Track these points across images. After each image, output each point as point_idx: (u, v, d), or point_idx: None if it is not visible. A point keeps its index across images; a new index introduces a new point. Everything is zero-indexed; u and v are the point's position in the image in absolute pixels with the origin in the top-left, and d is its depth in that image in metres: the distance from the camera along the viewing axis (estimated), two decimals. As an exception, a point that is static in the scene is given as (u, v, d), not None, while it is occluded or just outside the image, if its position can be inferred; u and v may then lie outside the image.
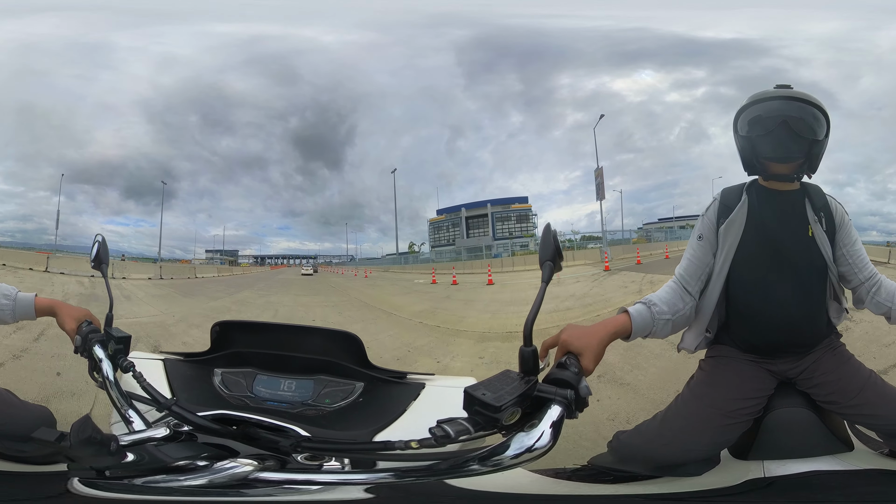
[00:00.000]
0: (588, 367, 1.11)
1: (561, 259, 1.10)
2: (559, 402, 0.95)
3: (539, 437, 0.90)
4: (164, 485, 0.99)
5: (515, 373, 0.99)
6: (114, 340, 1.30)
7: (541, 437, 0.90)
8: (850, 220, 1.50)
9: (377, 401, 1.48)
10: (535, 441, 0.90)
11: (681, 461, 1.37)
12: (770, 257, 1.45)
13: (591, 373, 1.12)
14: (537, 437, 0.90)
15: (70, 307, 1.42)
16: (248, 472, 1.01)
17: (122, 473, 1.00)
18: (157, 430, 1.09)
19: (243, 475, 1.00)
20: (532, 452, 0.90)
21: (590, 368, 1.11)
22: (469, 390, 0.93)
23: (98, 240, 1.51)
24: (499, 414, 0.90)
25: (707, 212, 1.54)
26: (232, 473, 1.00)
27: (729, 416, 1.39)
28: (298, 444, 1.11)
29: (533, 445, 0.90)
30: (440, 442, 0.90)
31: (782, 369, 1.47)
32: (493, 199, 16.37)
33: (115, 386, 1.24)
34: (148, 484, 0.99)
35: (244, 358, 1.58)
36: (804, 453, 1.37)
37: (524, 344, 1.01)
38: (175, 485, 0.99)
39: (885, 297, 1.46)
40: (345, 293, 10.21)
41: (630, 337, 1.35)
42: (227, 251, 17.78)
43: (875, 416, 1.37)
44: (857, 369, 1.45)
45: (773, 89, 1.51)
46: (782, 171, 1.48)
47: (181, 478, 1.00)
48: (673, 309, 1.43)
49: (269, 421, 1.22)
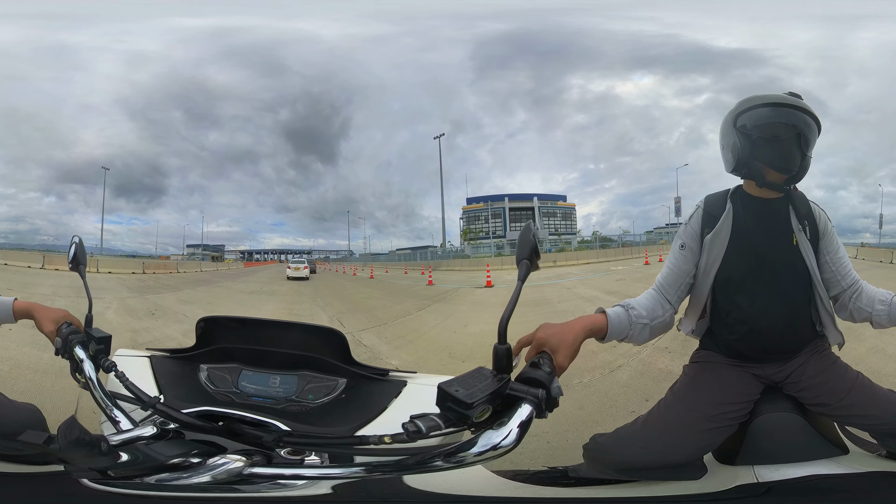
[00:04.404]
0: (563, 363, 1.17)
1: (538, 258, 1.15)
2: (529, 402, 1.00)
3: (506, 435, 0.96)
4: (171, 483, 1.05)
5: (489, 370, 1.04)
6: (94, 341, 1.37)
7: (507, 436, 0.96)
8: (833, 228, 1.57)
9: (359, 397, 1.56)
10: (501, 439, 0.96)
11: (659, 465, 1.44)
12: (754, 266, 1.52)
13: (566, 369, 1.18)
14: (504, 434, 0.96)
15: (48, 309, 1.48)
16: (241, 467, 1.08)
17: (124, 473, 1.05)
18: (144, 428, 1.15)
19: (237, 471, 1.07)
20: (497, 450, 0.96)
21: (564, 365, 1.18)
22: (442, 386, 0.98)
23: (75, 241, 1.58)
24: (470, 411, 0.95)
25: (690, 220, 1.60)
26: (228, 469, 1.07)
27: (712, 420, 1.46)
28: (280, 439, 1.19)
29: (499, 443, 0.95)
30: (411, 437, 0.97)
31: (768, 373, 1.55)
32: (539, 194, 16.45)
33: (99, 386, 1.31)
34: (159, 482, 1.05)
35: (229, 353, 1.66)
36: (796, 458, 1.43)
37: (498, 341, 1.06)
38: (182, 482, 1.05)
39: (865, 303, 1.53)
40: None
41: (605, 338, 1.40)
42: (212, 246, 17.88)
43: (867, 417, 1.44)
44: (844, 371, 1.53)
45: (786, 95, 1.54)
46: (777, 180, 1.53)
47: (185, 475, 1.06)
48: (651, 315, 1.49)
49: (251, 416, 1.31)
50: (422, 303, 10.03)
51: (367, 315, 8.84)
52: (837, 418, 1.50)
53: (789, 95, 1.54)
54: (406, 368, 1.78)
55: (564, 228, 16.16)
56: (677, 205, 16.63)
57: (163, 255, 16.50)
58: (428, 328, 7.57)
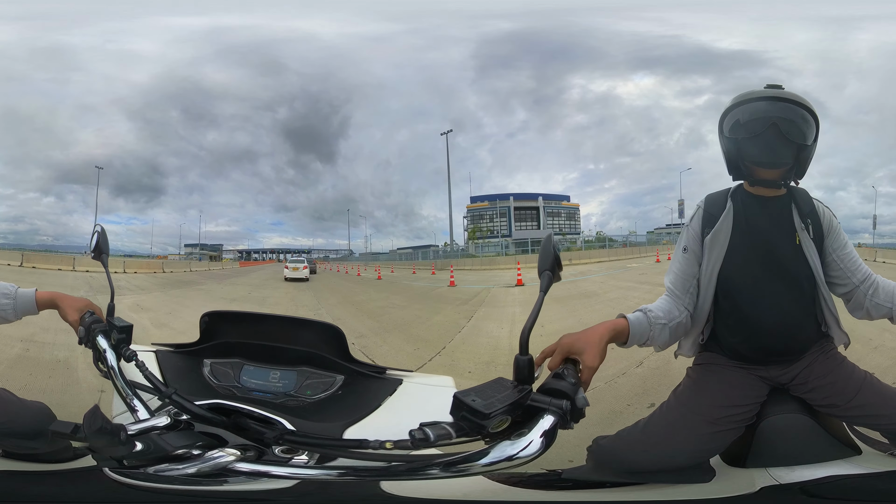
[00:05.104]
0: (592, 364, 1.16)
1: (560, 269, 1.15)
2: (553, 412, 0.98)
3: (526, 445, 0.94)
4: (165, 473, 1.08)
5: (509, 381, 1.03)
6: (116, 330, 1.40)
7: (528, 446, 0.94)
8: (839, 224, 1.54)
9: (354, 394, 1.59)
10: (518, 450, 0.94)
11: (661, 468, 1.44)
12: (756, 266, 1.51)
13: (596, 370, 1.17)
14: (524, 445, 0.94)
15: (71, 298, 1.50)
16: (230, 461, 1.10)
17: (136, 463, 1.07)
18: (159, 418, 1.18)
19: (224, 464, 1.09)
20: (511, 461, 0.94)
21: (594, 365, 1.16)
22: (459, 395, 0.97)
23: (97, 230, 1.60)
24: (486, 421, 0.94)
25: (691, 222, 1.59)
26: (216, 463, 1.09)
27: (716, 423, 1.46)
28: (281, 437, 1.21)
29: (516, 454, 0.94)
30: (416, 445, 0.95)
31: (773, 375, 1.54)
32: (544, 194, 16.62)
33: (120, 375, 1.33)
34: (158, 472, 1.07)
35: (232, 348, 1.69)
36: (811, 459, 1.43)
37: (520, 352, 1.04)
38: (174, 473, 1.08)
39: (884, 298, 1.49)
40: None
41: (627, 343, 1.40)
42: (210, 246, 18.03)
43: (878, 417, 1.43)
44: (852, 371, 1.52)
45: (762, 89, 1.53)
46: (769, 177, 1.52)
47: (179, 466, 1.08)
48: (669, 316, 1.49)
49: (257, 412, 1.33)
50: (462, 309, 8.22)
51: (403, 336, 6.44)
52: (847, 419, 1.50)
53: (767, 88, 1.53)
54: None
55: (568, 228, 16.47)
56: (681, 207, 16.82)
57: (160, 255, 16.56)
58: (503, 340, 5.85)
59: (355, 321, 7.48)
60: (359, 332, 6.45)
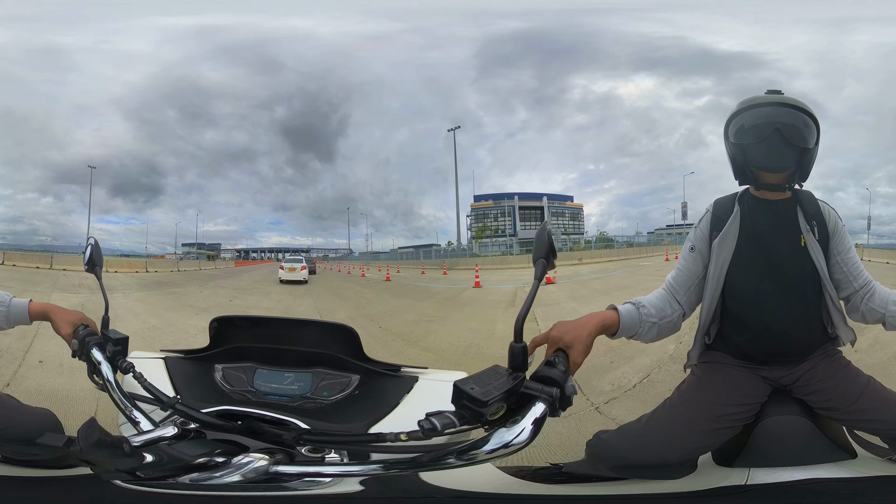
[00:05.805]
0: (577, 359, 1.22)
1: (554, 257, 1.20)
2: (544, 400, 1.04)
3: (519, 433, 1.00)
4: (205, 482, 1.08)
5: (504, 368, 1.09)
6: (111, 342, 1.40)
7: (520, 434, 1.00)
8: (844, 227, 1.59)
9: (372, 393, 1.61)
10: (513, 437, 1.00)
11: (654, 463, 1.48)
12: (763, 268, 1.55)
13: (580, 365, 1.23)
14: (517, 432, 1.00)
15: (65, 311, 1.51)
16: (266, 466, 1.11)
17: (153, 473, 1.08)
18: (165, 429, 1.19)
19: (263, 469, 1.11)
20: (508, 448, 1.00)
21: (578, 361, 1.23)
22: (458, 384, 1.02)
23: (91, 242, 1.62)
24: (484, 408, 0.99)
25: (700, 223, 1.65)
26: (255, 468, 1.10)
27: (715, 420, 1.49)
28: (300, 437, 1.25)
29: (511, 441, 1.00)
30: (427, 434, 1.00)
31: (777, 376, 1.58)
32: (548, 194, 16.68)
33: (117, 387, 1.34)
34: (193, 482, 1.08)
35: (243, 353, 1.71)
36: (799, 461, 1.46)
37: (514, 340, 1.10)
38: (214, 482, 1.08)
39: (878, 304, 1.55)
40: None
41: (616, 334, 1.45)
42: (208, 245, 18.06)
43: (878, 421, 1.47)
44: (856, 375, 1.56)
45: (763, 95, 1.58)
46: (773, 181, 1.57)
47: (215, 475, 1.09)
48: (661, 314, 1.54)
49: (269, 415, 1.35)
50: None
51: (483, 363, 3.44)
52: (847, 423, 1.53)
53: (767, 94, 1.58)
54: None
55: (572, 228, 16.56)
56: (684, 209, 16.94)
57: (157, 255, 16.58)
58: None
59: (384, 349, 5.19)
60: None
